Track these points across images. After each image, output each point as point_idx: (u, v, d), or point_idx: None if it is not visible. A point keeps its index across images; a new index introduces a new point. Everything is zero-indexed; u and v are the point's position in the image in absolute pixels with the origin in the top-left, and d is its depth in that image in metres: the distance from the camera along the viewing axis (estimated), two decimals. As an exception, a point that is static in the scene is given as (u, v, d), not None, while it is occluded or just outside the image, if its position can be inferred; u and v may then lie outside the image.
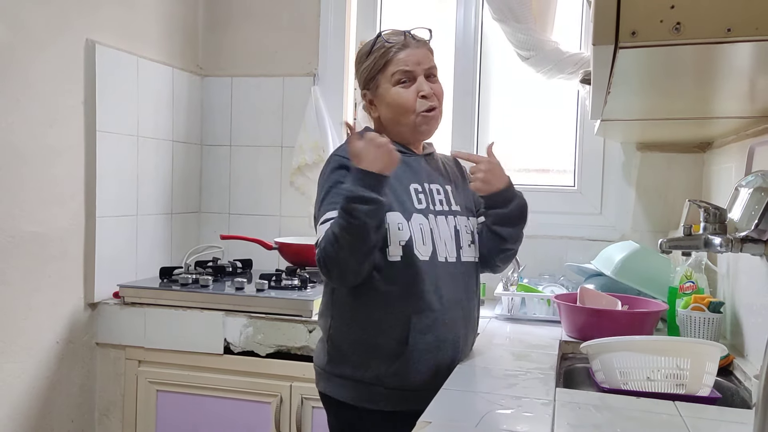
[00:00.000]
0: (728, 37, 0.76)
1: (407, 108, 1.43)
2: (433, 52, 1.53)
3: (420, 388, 1.35)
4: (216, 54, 2.63)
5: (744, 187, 1.44)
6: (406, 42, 1.46)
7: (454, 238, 1.45)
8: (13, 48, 1.79)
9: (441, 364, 1.39)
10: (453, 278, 1.43)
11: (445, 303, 1.40)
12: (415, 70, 1.44)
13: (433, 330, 1.38)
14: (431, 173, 1.50)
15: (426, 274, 1.38)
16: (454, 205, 1.48)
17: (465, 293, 1.46)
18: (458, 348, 1.43)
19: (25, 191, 1.85)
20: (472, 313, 1.50)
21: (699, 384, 1.27)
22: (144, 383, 2.08)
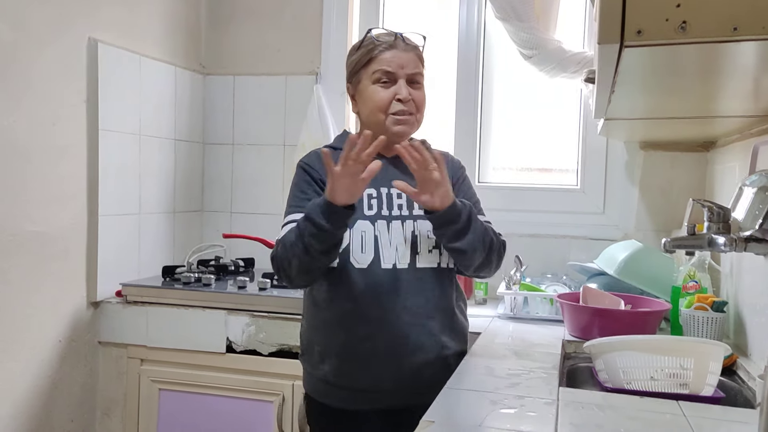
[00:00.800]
0: (734, 36, 0.75)
1: (380, 107, 1.45)
2: (423, 59, 1.53)
3: (369, 390, 1.42)
4: (218, 52, 2.63)
5: (748, 187, 1.44)
6: (394, 43, 1.47)
7: (409, 243, 1.44)
8: (15, 46, 1.79)
9: (390, 369, 1.41)
10: (402, 285, 1.42)
11: (387, 310, 1.40)
12: (396, 72, 1.45)
13: (372, 337, 1.40)
14: (396, 176, 1.44)
15: (362, 281, 1.40)
16: (417, 209, 1.46)
17: (418, 299, 1.42)
18: (409, 354, 1.41)
19: (28, 190, 1.85)
20: (428, 320, 1.43)
21: (702, 384, 1.27)
22: (146, 382, 2.08)
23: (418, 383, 1.42)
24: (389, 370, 1.42)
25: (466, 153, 2.45)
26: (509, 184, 2.47)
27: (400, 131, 1.47)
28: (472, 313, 2.03)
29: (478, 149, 2.47)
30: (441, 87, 2.50)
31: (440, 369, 1.43)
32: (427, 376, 1.43)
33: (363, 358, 1.42)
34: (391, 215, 1.45)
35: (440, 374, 1.39)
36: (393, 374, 1.42)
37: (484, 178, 2.49)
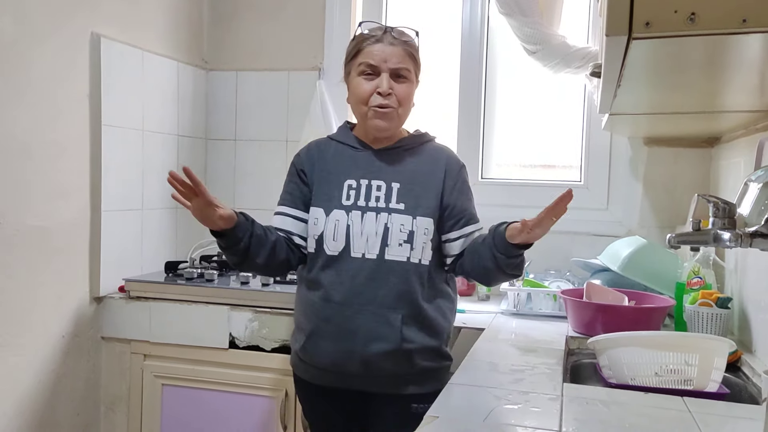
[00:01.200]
0: (743, 28, 0.74)
1: (362, 99, 1.49)
2: (414, 55, 1.53)
3: (329, 369, 1.50)
4: (221, 48, 2.62)
5: (753, 182, 1.43)
6: (381, 37, 1.50)
7: (380, 235, 1.46)
8: (17, 41, 1.79)
9: (347, 353, 1.46)
10: (368, 274, 1.46)
11: (349, 298, 1.46)
12: (380, 65, 1.48)
13: (334, 319, 1.47)
14: (380, 169, 1.52)
15: (332, 267, 1.48)
16: (395, 203, 1.48)
17: (381, 291, 1.45)
18: (366, 343, 1.45)
19: (30, 185, 1.85)
20: (389, 311, 1.45)
21: (707, 380, 1.27)
22: (149, 377, 2.08)
23: (375, 372, 1.47)
24: (347, 354, 1.47)
25: (469, 149, 2.45)
26: (512, 180, 2.46)
27: (379, 125, 1.50)
28: (475, 309, 2.05)
29: (481, 145, 2.46)
30: (444, 82, 2.50)
31: (400, 361, 1.46)
32: (384, 366, 1.46)
33: (325, 340, 1.49)
34: (367, 206, 1.49)
35: (399, 366, 1.46)
36: (350, 359, 1.47)
37: (487, 174, 2.49)
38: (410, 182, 1.51)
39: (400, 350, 1.46)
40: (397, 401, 1.49)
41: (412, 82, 1.53)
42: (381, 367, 1.46)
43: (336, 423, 1.59)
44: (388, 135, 1.55)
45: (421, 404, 1.46)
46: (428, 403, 1.46)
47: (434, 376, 1.51)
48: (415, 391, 1.49)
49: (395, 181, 1.50)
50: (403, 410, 1.48)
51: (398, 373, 1.47)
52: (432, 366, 1.51)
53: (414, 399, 1.48)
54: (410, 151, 1.56)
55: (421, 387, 1.49)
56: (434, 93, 2.53)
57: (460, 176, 1.57)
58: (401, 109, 1.51)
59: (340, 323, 1.46)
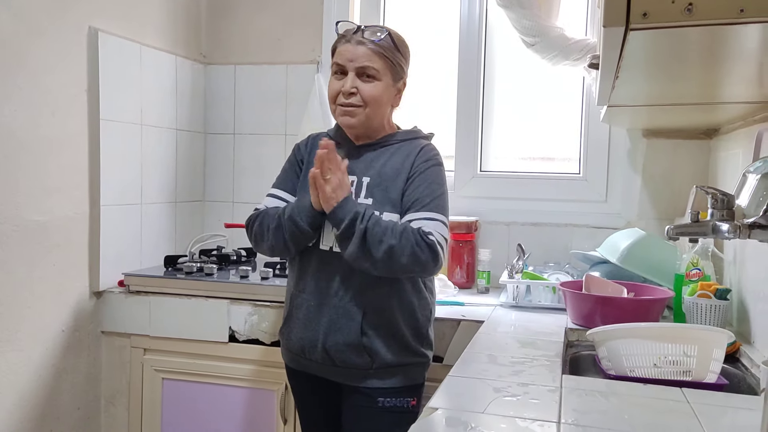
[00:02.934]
0: (741, 18, 0.74)
1: (331, 98, 1.55)
2: (383, 53, 1.51)
3: (300, 354, 1.57)
4: (219, 42, 2.62)
5: (752, 173, 1.43)
6: (350, 37, 1.53)
7: None
8: (15, 35, 1.78)
9: (311, 342, 1.52)
10: (333, 267, 1.50)
11: (315, 289, 1.52)
12: (346, 65, 1.52)
13: (302, 308, 1.55)
14: (354, 164, 1.54)
15: (304, 258, 1.55)
16: (363, 198, 1.51)
17: (344, 284, 1.49)
18: (328, 333, 1.49)
19: (29, 180, 1.85)
20: (351, 304, 1.48)
21: (706, 371, 1.27)
22: (149, 371, 2.08)
23: (338, 363, 1.51)
24: (311, 343, 1.53)
25: (468, 141, 2.45)
26: (511, 172, 2.46)
27: (344, 122, 1.55)
28: (474, 302, 2.05)
29: (480, 138, 2.46)
30: (443, 75, 2.50)
31: (361, 354, 1.48)
32: (345, 358, 1.50)
33: (296, 326, 1.56)
34: None
35: (361, 360, 1.48)
36: (314, 348, 1.52)
37: (486, 167, 2.49)
38: (379, 177, 1.52)
39: (360, 344, 1.48)
40: (362, 393, 1.51)
41: (383, 81, 1.52)
42: (342, 359, 1.50)
43: (314, 406, 1.65)
44: (358, 133, 1.57)
45: (387, 398, 1.49)
46: (395, 396, 1.49)
47: (400, 371, 1.52)
48: (378, 386, 1.50)
49: (366, 176, 1.53)
50: (369, 403, 1.50)
51: (360, 366, 1.50)
52: (397, 361, 1.51)
53: (379, 393, 1.50)
54: (389, 147, 1.57)
55: (383, 381, 1.50)
56: (433, 87, 2.53)
57: (422, 167, 1.53)
58: (368, 108, 1.51)
59: (307, 313, 1.53)
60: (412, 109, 2.52)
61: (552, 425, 0.99)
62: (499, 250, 2.31)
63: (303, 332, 1.54)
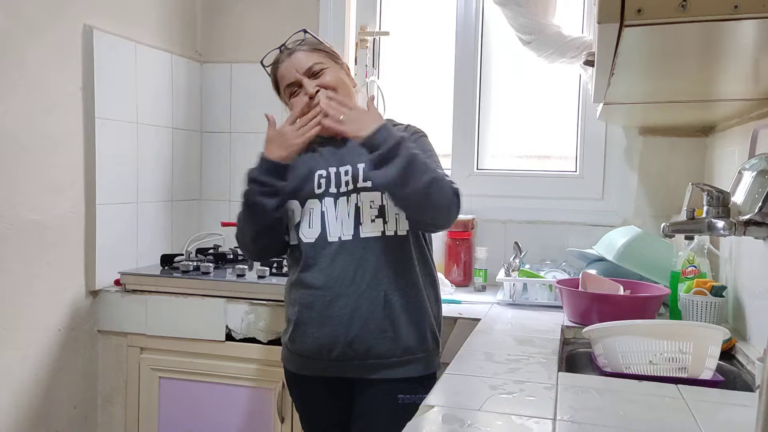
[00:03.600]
0: (735, 15, 0.74)
1: (302, 114, 1.52)
2: (315, 48, 1.56)
3: (315, 357, 1.51)
4: (215, 40, 2.61)
5: (747, 171, 1.44)
6: (278, 58, 1.57)
7: (352, 215, 1.49)
8: (9, 33, 1.78)
9: (331, 337, 1.47)
10: (345, 256, 1.47)
11: (329, 281, 1.47)
12: (296, 78, 1.54)
13: (314, 306, 1.49)
14: (344, 155, 1.54)
15: (310, 254, 1.50)
16: (362, 182, 1.50)
17: (359, 271, 1.46)
18: (350, 324, 1.45)
19: (25, 178, 1.85)
20: (369, 288, 1.46)
21: (701, 367, 1.27)
22: (146, 370, 2.08)
23: (361, 354, 1.47)
24: (332, 338, 1.47)
25: (464, 140, 2.45)
26: (508, 170, 2.46)
27: (327, 124, 1.48)
28: (470, 300, 2.05)
29: (476, 136, 2.46)
30: (439, 73, 2.50)
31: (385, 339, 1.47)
32: (369, 346, 1.47)
33: (310, 327, 1.50)
34: (338, 192, 1.51)
35: (383, 346, 1.47)
36: (335, 342, 1.47)
37: (483, 165, 2.49)
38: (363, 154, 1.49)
39: (385, 327, 1.46)
40: (382, 388, 1.49)
41: (332, 67, 1.55)
42: (366, 349, 1.46)
43: (320, 413, 1.61)
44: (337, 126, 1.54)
45: (407, 395, 1.47)
46: (414, 393, 1.47)
47: (421, 360, 1.51)
48: (401, 375, 1.48)
49: (360, 162, 1.52)
50: (389, 398, 1.48)
51: (384, 354, 1.47)
52: (417, 346, 1.50)
53: (400, 386, 1.48)
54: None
55: (405, 369, 1.49)
56: (429, 84, 2.53)
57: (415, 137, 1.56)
58: (340, 94, 1.51)
59: (322, 308, 1.48)
60: (409, 106, 2.53)
61: (548, 422, 0.99)
62: (495, 248, 2.31)
63: (319, 330, 1.48)
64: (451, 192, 1.43)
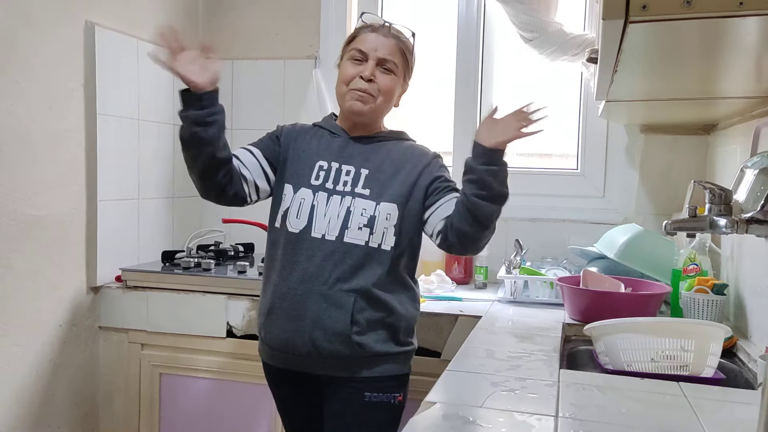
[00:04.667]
0: (740, 11, 0.74)
1: (344, 80, 1.52)
2: (407, 53, 1.56)
3: (282, 350, 1.49)
4: (216, 37, 2.61)
5: (750, 168, 1.43)
6: (377, 28, 1.54)
7: (342, 217, 1.47)
8: (12, 30, 1.77)
9: (298, 332, 1.45)
10: (324, 255, 1.46)
11: (304, 276, 1.46)
12: (369, 53, 1.51)
13: (288, 298, 1.47)
14: (352, 155, 1.53)
15: (292, 244, 1.48)
16: (360, 188, 1.49)
17: (335, 271, 1.44)
18: (316, 323, 1.44)
19: (26, 175, 1.84)
20: (341, 294, 1.44)
21: (703, 365, 1.27)
22: (147, 366, 2.08)
23: (325, 354, 1.45)
24: (298, 334, 1.46)
25: (466, 138, 2.44)
26: (509, 168, 2.44)
27: (354, 107, 1.50)
28: (472, 297, 2.05)
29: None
30: (441, 71, 2.49)
31: (350, 344, 1.45)
32: (333, 348, 1.45)
33: (279, 318, 1.48)
34: (334, 189, 1.50)
35: (349, 350, 1.45)
36: (301, 339, 1.46)
37: (484, 163, 2.48)
38: (378, 170, 1.51)
39: (349, 334, 1.45)
40: (347, 386, 1.48)
41: (398, 77, 1.55)
42: (330, 350, 1.45)
43: (296, 406, 1.60)
44: (364, 121, 1.55)
45: (374, 393, 1.46)
46: (382, 391, 1.46)
47: (389, 360, 1.49)
48: (366, 375, 1.47)
49: (364, 168, 1.51)
50: (356, 397, 1.47)
51: (347, 355, 1.46)
52: (383, 351, 1.48)
53: (366, 384, 1.47)
54: (385, 143, 1.56)
55: (370, 371, 1.47)
56: (431, 82, 2.52)
57: (442, 166, 1.57)
58: (381, 98, 1.52)
59: (293, 302, 1.46)
60: (410, 105, 2.53)
61: (549, 419, 0.99)
62: (496, 245, 2.28)
63: (287, 324, 1.47)
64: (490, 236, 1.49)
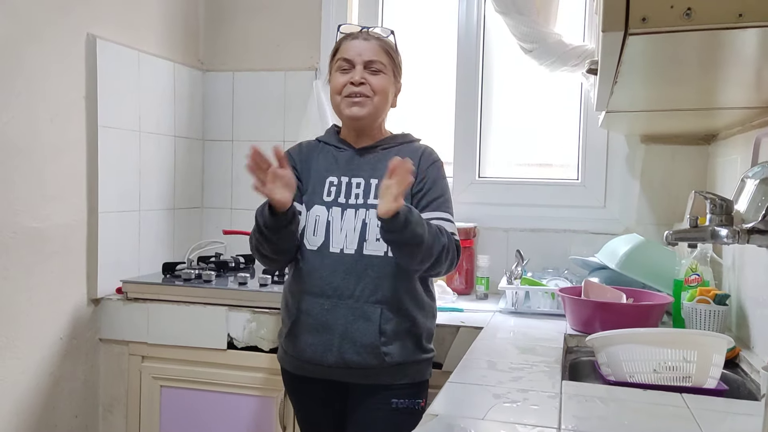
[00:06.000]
0: (739, 23, 0.75)
1: (336, 90, 1.56)
2: (390, 51, 1.59)
3: (310, 361, 1.52)
4: (217, 48, 2.62)
5: (750, 179, 1.43)
6: (357, 34, 1.58)
7: (358, 230, 1.50)
8: (13, 42, 1.78)
9: (325, 345, 1.49)
10: (346, 269, 1.49)
11: (328, 291, 1.49)
12: (354, 59, 1.54)
13: (312, 313, 1.50)
14: (359, 166, 1.56)
15: (312, 261, 1.52)
16: (372, 199, 1.51)
17: (359, 284, 1.48)
18: (345, 335, 1.47)
19: (27, 187, 1.85)
20: (366, 305, 1.47)
21: (706, 376, 1.26)
22: (148, 379, 2.07)
23: (352, 365, 1.49)
24: (326, 347, 1.49)
25: (466, 148, 2.45)
26: (510, 178, 2.46)
27: (353, 113, 1.54)
28: (473, 308, 2.05)
29: (478, 144, 2.46)
30: (441, 82, 2.50)
31: (377, 355, 1.48)
32: (361, 359, 1.48)
33: (305, 332, 1.52)
34: (347, 203, 1.53)
35: (377, 360, 1.48)
36: (329, 351, 1.49)
37: (485, 173, 2.49)
38: None
39: (378, 344, 1.48)
40: (374, 393, 1.51)
41: (388, 76, 1.58)
42: (358, 361, 1.48)
43: (320, 414, 1.63)
44: (365, 125, 1.58)
45: (401, 399, 1.49)
46: (407, 398, 1.49)
47: (412, 369, 1.53)
48: (390, 382, 1.51)
49: (374, 178, 1.53)
50: (382, 403, 1.50)
51: (374, 365, 1.49)
52: (409, 360, 1.52)
53: (391, 391, 1.50)
54: (389, 149, 1.58)
55: (393, 378, 1.51)
56: (431, 92, 2.53)
57: (432, 169, 1.58)
58: (377, 98, 1.55)
59: (319, 316, 1.50)
60: (410, 114, 2.53)
61: (552, 431, 0.98)
62: (497, 256, 2.30)
63: (314, 337, 1.50)
64: (452, 257, 1.49)
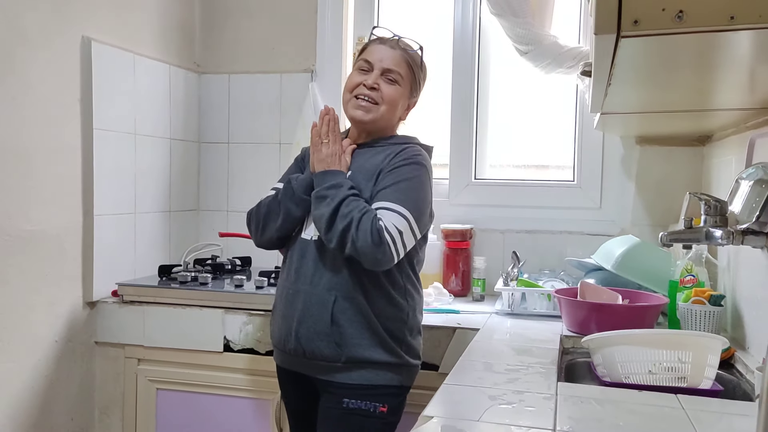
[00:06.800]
0: (731, 25, 0.75)
1: (348, 88, 1.58)
2: (413, 65, 1.59)
3: (276, 346, 1.60)
4: (213, 51, 2.62)
5: (744, 180, 1.44)
6: (385, 40, 1.59)
7: None
8: (8, 45, 1.78)
9: (287, 330, 1.53)
10: (313, 256, 1.52)
11: (296, 276, 1.54)
12: (374, 63, 1.56)
13: (283, 297, 1.56)
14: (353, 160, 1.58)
15: (290, 248, 1.59)
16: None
17: (321, 271, 1.50)
18: (301, 321, 1.49)
19: (23, 190, 1.84)
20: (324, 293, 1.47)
21: (701, 377, 1.27)
22: (144, 381, 2.07)
23: (309, 354, 1.50)
24: (287, 332, 1.53)
25: (462, 150, 2.45)
26: (506, 180, 2.46)
27: (356, 115, 1.56)
28: (469, 310, 2.05)
29: (474, 146, 2.46)
30: (437, 84, 2.50)
31: (329, 344, 1.47)
32: (315, 347, 1.49)
33: (276, 317, 1.59)
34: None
35: (330, 350, 1.47)
36: (288, 336, 1.52)
37: (481, 175, 2.49)
38: (359, 173, 1.53)
39: (329, 332, 1.46)
40: (330, 390, 1.50)
41: (403, 88, 1.57)
42: (311, 349, 1.49)
43: (296, 406, 1.67)
44: (368, 129, 1.58)
45: (352, 399, 1.46)
46: (361, 399, 1.46)
47: (369, 368, 1.47)
48: (345, 381, 1.47)
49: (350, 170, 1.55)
50: (335, 403, 1.48)
51: (328, 357, 1.48)
52: (366, 357, 1.47)
53: (345, 390, 1.47)
54: (378, 147, 1.57)
55: (349, 376, 1.47)
56: (427, 94, 2.53)
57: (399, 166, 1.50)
58: (384, 107, 1.55)
59: (286, 301, 1.55)
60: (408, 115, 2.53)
61: (547, 433, 0.98)
62: (494, 257, 2.31)
63: (281, 321, 1.55)
64: (366, 235, 1.39)
